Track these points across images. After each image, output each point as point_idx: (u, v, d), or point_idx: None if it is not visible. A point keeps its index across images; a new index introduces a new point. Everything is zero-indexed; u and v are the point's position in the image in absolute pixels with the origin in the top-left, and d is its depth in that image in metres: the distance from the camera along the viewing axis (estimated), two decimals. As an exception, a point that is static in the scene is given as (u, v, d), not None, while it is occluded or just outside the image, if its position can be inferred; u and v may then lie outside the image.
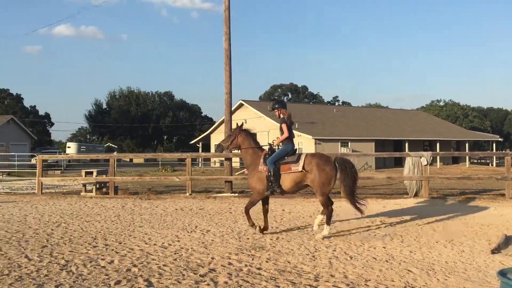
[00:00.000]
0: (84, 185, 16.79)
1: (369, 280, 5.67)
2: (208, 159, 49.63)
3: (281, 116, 8.77)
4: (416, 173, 14.65)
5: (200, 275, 5.85)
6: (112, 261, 6.59)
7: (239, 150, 9.12)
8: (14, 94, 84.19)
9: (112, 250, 7.36)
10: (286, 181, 8.21)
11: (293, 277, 5.77)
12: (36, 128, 76.19)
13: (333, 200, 8.70)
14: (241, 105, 46.65)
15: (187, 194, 15.68)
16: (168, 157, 48.11)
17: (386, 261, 6.62)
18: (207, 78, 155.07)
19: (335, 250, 7.27)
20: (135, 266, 6.33)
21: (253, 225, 8.66)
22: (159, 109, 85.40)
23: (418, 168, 14.63)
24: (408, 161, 14.97)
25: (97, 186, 16.49)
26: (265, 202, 8.79)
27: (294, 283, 5.50)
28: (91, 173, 17.03)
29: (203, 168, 42.64)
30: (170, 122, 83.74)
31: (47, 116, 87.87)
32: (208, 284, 5.47)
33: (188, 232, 8.96)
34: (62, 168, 37.84)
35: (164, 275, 5.86)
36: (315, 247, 7.52)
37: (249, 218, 8.69)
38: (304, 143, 39.43)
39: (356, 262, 6.55)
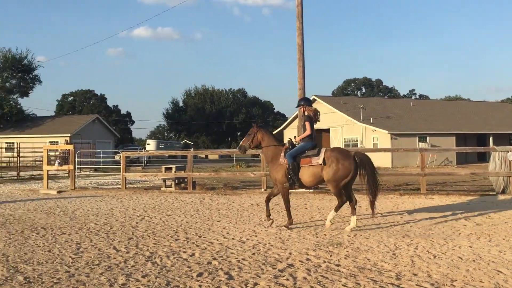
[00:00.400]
0: (164, 180, 17.47)
1: (455, 280, 5.42)
2: (282, 155, 49.72)
3: (306, 113, 8.92)
4: (503, 169, 13.80)
5: (279, 270, 5.89)
6: (193, 254, 6.81)
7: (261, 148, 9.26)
8: (99, 94, 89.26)
9: (193, 243, 7.60)
10: (306, 174, 8.44)
11: (373, 274, 5.66)
12: (118, 126, 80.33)
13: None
14: (314, 100, 46.21)
15: (262, 189, 15.83)
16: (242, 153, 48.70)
17: (473, 260, 6.30)
18: (279, 74, 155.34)
19: (416, 249, 7.02)
20: (215, 259, 6.50)
21: (269, 215, 8.98)
22: (232, 106, 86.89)
23: (505, 163, 13.77)
24: (494, 156, 14.14)
25: (176, 181, 17.09)
26: (275, 194, 9.08)
27: (375, 281, 5.38)
28: (170, 169, 17.68)
29: (276, 164, 42.75)
30: (244, 118, 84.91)
31: (128, 114, 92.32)
32: (287, 279, 5.49)
33: (265, 227, 9.05)
34: (143, 164, 39.61)
35: (244, 269, 5.96)
36: (395, 245, 7.31)
37: (288, 211, 8.87)
38: (379, 138, 38.41)
39: (440, 261, 6.29)
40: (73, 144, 20.39)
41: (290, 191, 9.02)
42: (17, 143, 33.69)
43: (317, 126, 9.31)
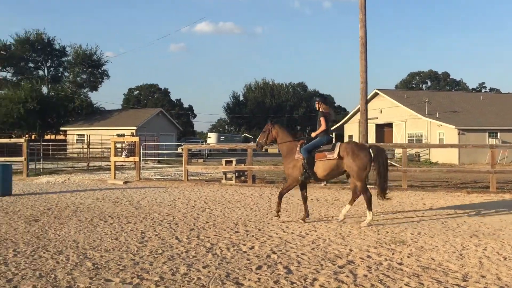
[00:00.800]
0: (225, 173, 17.73)
1: (528, 284, 5.12)
2: (342, 150, 48.99)
3: (321, 109, 9.07)
4: None
5: (339, 266, 5.82)
6: (252, 247, 6.86)
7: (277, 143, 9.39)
8: (162, 88, 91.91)
9: (252, 236, 7.66)
10: (321, 168, 8.65)
11: (438, 275, 5.45)
12: (181, 120, 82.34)
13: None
14: (376, 94, 45.18)
15: (322, 184, 15.68)
16: (302, 147, 48.45)
17: (548, 265, 5.91)
18: (340, 67, 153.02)
19: (485, 250, 6.69)
20: (274, 253, 6.52)
21: (278, 211, 9.11)
22: (292, 100, 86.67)
23: None
24: None
25: (236, 174, 17.30)
26: (303, 188, 9.18)
27: (439, 282, 5.18)
28: (231, 162, 17.92)
29: (336, 159, 42.18)
30: (304, 112, 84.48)
31: (190, 108, 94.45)
32: (347, 276, 5.41)
33: (324, 222, 8.97)
34: (204, 157, 40.40)
35: (303, 264, 5.94)
36: (462, 245, 7.00)
37: (279, 203, 9.13)
38: (446, 133, 36.92)
39: (511, 263, 5.96)
40: (139, 137, 21.14)
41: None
42: (87, 135, 35.42)
43: (379, 120, 9.16)
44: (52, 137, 52.26)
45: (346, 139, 49.69)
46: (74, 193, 13.75)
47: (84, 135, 40.59)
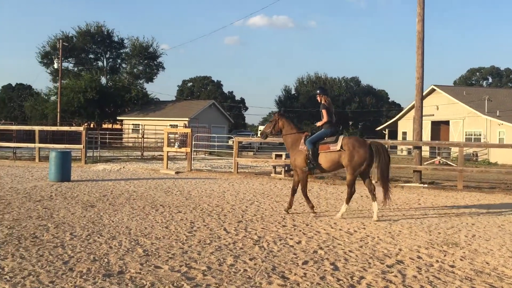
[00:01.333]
0: (274, 167, 17.76)
1: None
2: (395, 147, 47.90)
3: (322, 102, 9.25)
4: None
5: (387, 266, 5.70)
6: (299, 242, 6.85)
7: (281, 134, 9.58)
8: (215, 81, 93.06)
9: (300, 231, 7.64)
10: (325, 160, 8.82)
11: (492, 280, 5.23)
12: (232, 112, 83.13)
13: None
14: (432, 90, 43.69)
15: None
16: (353, 143, 47.69)
17: None
18: (395, 62, 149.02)
19: (545, 256, 6.35)
20: (321, 248, 6.48)
21: (312, 207, 9.22)
22: (345, 94, 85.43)
23: None
24: None
25: (286, 168, 17.27)
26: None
27: (493, 287, 4.98)
28: (281, 156, 17.92)
29: (389, 156, 41.24)
30: (356, 107, 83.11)
31: (242, 101, 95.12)
32: (396, 276, 5.30)
33: (374, 220, 8.80)
34: (255, 150, 40.62)
35: (350, 261, 5.87)
36: (519, 250, 6.69)
37: (308, 201, 9.30)
38: (506, 132, 35.24)
39: None
40: (191, 128, 21.53)
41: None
42: (141, 125, 36.47)
43: (435, 117, 8.91)
44: (109, 126, 54.15)
45: (399, 136, 48.48)
46: (128, 181, 14.21)
47: (139, 125, 41.78)
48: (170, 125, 39.30)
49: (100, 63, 64.03)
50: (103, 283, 4.75)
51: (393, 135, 51.60)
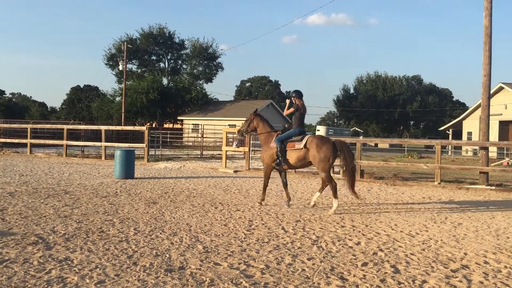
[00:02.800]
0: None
1: None
2: (459, 147, 46.01)
3: (295, 103, 9.83)
4: None
5: (451, 270, 5.49)
6: (358, 243, 6.74)
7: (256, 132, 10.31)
8: (273, 80, 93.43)
9: (359, 231, 7.52)
10: (292, 157, 9.47)
11: None
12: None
13: None
14: (501, 89, 41.57)
15: (436, 183, 14.88)
16: (415, 143, 46.50)
17: None
18: (460, 59, 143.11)
19: None
20: (381, 250, 6.34)
21: (262, 200, 9.94)
22: (406, 93, 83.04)
23: None
24: None
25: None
26: (283, 176, 10.01)
27: None
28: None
29: (453, 157, 39.77)
30: (418, 107, 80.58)
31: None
32: (460, 281, 5.09)
33: (436, 222, 8.51)
34: (312, 149, 40.33)
35: (412, 264, 5.70)
36: None
37: (264, 192, 9.95)
38: None
39: None
40: (249, 128, 21.68)
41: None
42: (201, 124, 37.20)
43: (504, 117, 8.47)
44: (170, 125, 55.70)
45: (464, 136, 46.56)
46: (189, 179, 14.55)
47: (198, 124, 42.66)
48: (229, 125, 39.85)
49: (162, 65, 66.06)
50: (164, 278, 4.89)
51: (458, 135, 49.59)
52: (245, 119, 10.71)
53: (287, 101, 10.14)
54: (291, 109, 9.90)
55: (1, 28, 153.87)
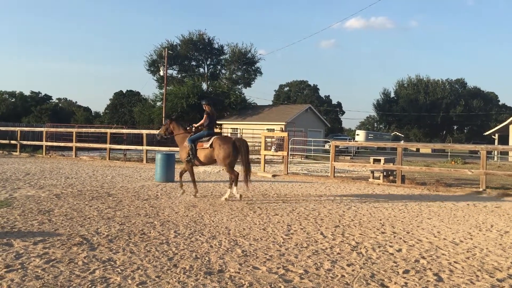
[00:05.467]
0: (372, 172, 17.31)
1: None
2: (506, 153, 44.36)
3: (206, 109, 11.42)
4: None
5: (497, 280, 5.31)
6: (400, 250, 6.61)
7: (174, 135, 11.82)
8: (312, 85, 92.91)
9: (400, 238, 7.37)
10: (201, 154, 11.04)
11: None
12: (329, 116, 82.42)
13: None
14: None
15: (481, 189, 14.41)
16: (458, 149, 44.82)
17: None
18: (506, 62, 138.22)
19: None
20: (423, 258, 6.19)
21: (181, 186, 11.59)
22: (449, 97, 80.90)
23: None
24: None
25: (385, 173, 16.76)
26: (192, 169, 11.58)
27: None
28: (379, 160, 17.41)
29: (499, 162, 38.38)
30: (462, 111, 78.30)
31: (339, 105, 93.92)
32: (508, 292, 4.91)
33: (482, 230, 8.24)
34: (351, 154, 39.90)
35: (455, 273, 5.54)
36: None
37: (180, 181, 11.69)
38: None
39: None
40: (287, 132, 21.68)
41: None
42: (239, 129, 37.43)
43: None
44: (209, 130, 56.22)
45: (511, 141, 44.85)
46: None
47: (237, 129, 42.91)
48: (267, 129, 39.91)
49: (201, 70, 66.87)
50: (204, 281, 4.95)
51: (504, 140, 47.82)
52: (283, 123, 11.22)
53: (205, 116, 11.34)
54: (205, 116, 11.32)
55: (49, 38, 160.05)
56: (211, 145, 10.85)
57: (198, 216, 8.66)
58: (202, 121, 11.41)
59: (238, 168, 11.20)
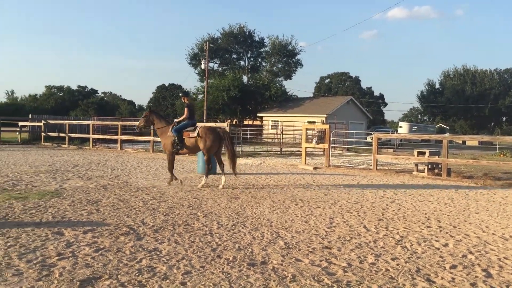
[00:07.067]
0: (417, 164, 16.93)
1: None
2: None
3: (185, 102, 12.15)
4: None
5: (551, 277, 5.10)
6: (446, 244, 6.45)
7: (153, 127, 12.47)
8: (353, 76, 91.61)
9: (446, 233, 7.20)
10: (187, 143, 11.62)
11: None
12: (371, 108, 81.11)
13: None
14: None
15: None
16: (508, 141, 43.32)
17: None
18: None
19: None
20: (471, 253, 6.02)
21: (173, 179, 11.81)
22: (498, 88, 77.96)
23: None
24: None
25: (429, 166, 16.36)
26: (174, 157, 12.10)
27: None
28: (423, 153, 17.01)
29: (551, 155, 36.64)
30: (511, 102, 75.23)
31: (381, 96, 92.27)
32: (562, 290, 4.71)
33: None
34: (394, 146, 39.16)
35: (505, 269, 5.37)
36: None
37: (171, 175, 11.85)
38: None
39: None
40: (329, 124, 21.49)
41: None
42: (280, 121, 37.37)
43: None
44: (250, 122, 56.49)
45: None
46: (268, 176, 14.70)
47: (278, 121, 42.91)
48: (308, 122, 39.72)
49: (242, 63, 67.17)
50: (247, 272, 4.99)
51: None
52: (324, 115, 11.05)
53: (186, 109, 11.76)
54: (186, 109, 11.75)
55: (97, 34, 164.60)
56: (198, 134, 11.47)
57: (240, 208, 8.74)
58: (185, 115, 11.81)
59: (224, 158, 12.01)
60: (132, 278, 4.71)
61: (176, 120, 12.23)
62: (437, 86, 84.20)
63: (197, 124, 12.21)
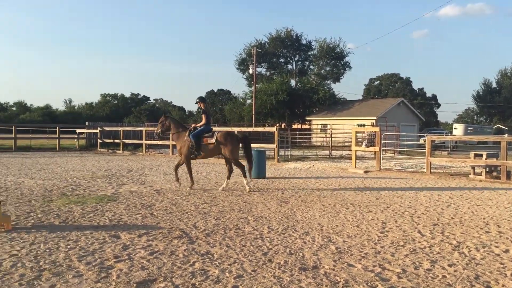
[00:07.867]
0: (473, 167, 16.29)
1: None
2: None
3: (202, 108, 12.18)
4: None
5: None
6: (507, 250, 6.17)
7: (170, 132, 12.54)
8: (404, 77, 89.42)
9: (507, 238, 6.88)
10: (205, 149, 11.71)
11: None
12: (423, 110, 78.88)
13: None
14: None
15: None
16: None
17: None
18: None
19: None
20: (534, 260, 5.73)
21: (177, 180, 11.99)
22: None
23: None
24: None
25: (487, 169, 15.70)
26: (178, 166, 12.28)
27: None
28: (481, 155, 16.35)
29: None
30: None
31: (434, 97, 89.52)
32: None
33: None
34: (449, 149, 37.88)
35: None
36: None
37: (176, 174, 12.15)
38: None
39: None
40: (379, 127, 21.08)
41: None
42: (329, 124, 37.01)
43: None
44: (298, 126, 56.28)
45: None
46: (318, 180, 14.58)
47: (326, 124, 42.48)
48: (358, 125, 39.10)
49: (289, 66, 67.11)
50: (299, 276, 4.97)
51: None
52: (374, 118, 10.78)
53: (203, 115, 11.92)
54: (203, 115, 11.90)
55: (149, 42, 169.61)
56: (216, 140, 11.57)
57: (290, 212, 8.72)
58: (203, 121, 11.88)
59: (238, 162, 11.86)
60: (185, 281, 4.80)
61: (196, 125, 12.18)
62: (494, 85, 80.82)
63: (213, 129, 12.35)
